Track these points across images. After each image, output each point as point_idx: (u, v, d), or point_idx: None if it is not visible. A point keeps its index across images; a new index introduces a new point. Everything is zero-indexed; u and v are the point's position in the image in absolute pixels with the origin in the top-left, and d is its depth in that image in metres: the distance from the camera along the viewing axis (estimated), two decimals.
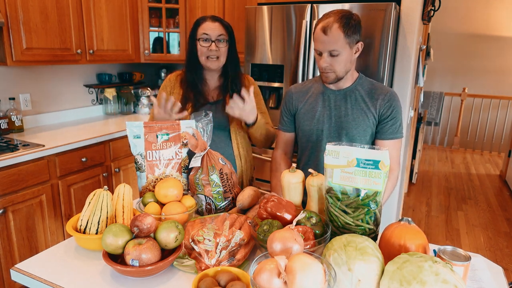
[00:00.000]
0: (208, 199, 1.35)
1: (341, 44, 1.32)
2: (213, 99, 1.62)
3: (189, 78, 1.60)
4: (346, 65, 1.38)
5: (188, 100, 1.59)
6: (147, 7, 3.11)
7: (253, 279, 0.80)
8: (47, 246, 2.27)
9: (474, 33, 6.38)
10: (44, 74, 2.79)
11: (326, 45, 1.33)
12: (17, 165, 2.05)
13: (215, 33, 1.51)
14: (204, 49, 1.52)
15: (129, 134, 1.35)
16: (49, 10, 2.40)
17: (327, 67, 1.37)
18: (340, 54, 1.34)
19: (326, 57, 1.35)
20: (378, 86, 1.47)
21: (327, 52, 1.34)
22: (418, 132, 4.38)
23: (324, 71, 1.39)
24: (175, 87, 1.64)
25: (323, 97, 1.50)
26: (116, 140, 2.65)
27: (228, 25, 1.56)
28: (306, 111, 1.52)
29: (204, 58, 1.53)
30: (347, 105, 1.46)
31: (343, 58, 1.35)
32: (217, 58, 1.53)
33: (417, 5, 2.37)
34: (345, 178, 1.06)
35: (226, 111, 1.45)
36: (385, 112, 1.43)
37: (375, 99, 1.43)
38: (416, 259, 0.82)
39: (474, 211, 3.98)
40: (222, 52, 1.54)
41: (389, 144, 1.44)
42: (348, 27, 1.31)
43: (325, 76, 1.41)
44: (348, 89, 1.47)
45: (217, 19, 1.55)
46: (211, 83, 1.63)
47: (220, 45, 1.53)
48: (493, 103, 6.38)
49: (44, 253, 1.11)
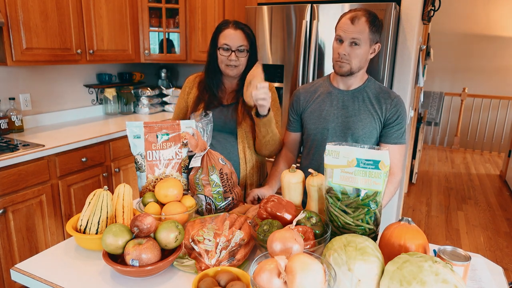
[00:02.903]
0: (208, 199, 1.35)
1: (365, 36, 1.35)
2: (227, 102, 1.63)
3: (208, 81, 1.62)
4: (361, 61, 1.39)
5: (202, 100, 1.61)
6: (147, 7, 3.11)
7: (253, 279, 0.80)
8: (47, 246, 2.27)
9: (474, 33, 6.38)
10: (44, 74, 2.79)
11: (350, 33, 1.35)
12: (17, 165, 2.05)
13: (236, 43, 1.51)
14: (223, 58, 1.53)
15: (129, 134, 1.35)
16: (49, 10, 2.40)
17: (344, 56, 1.38)
18: (361, 46, 1.36)
19: (346, 45, 1.37)
20: (386, 90, 1.48)
21: (349, 40, 1.36)
22: (418, 132, 4.38)
23: (340, 60, 1.40)
24: (193, 88, 1.67)
25: (331, 96, 1.50)
26: (116, 140, 2.65)
27: (250, 33, 1.56)
28: (313, 110, 1.53)
29: (224, 65, 1.55)
30: (354, 106, 1.46)
31: (361, 52, 1.37)
32: (236, 66, 1.54)
33: (417, 5, 2.37)
34: (345, 178, 1.06)
35: (245, 99, 1.42)
36: (391, 117, 1.44)
37: (382, 102, 1.45)
38: (416, 259, 0.82)
39: (474, 211, 3.98)
40: (241, 61, 1.55)
41: (393, 148, 1.45)
42: (373, 24, 1.35)
43: (339, 66, 1.41)
44: (357, 90, 1.47)
45: (239, 26, 1.54)
46: (228, 87, 1.65)
47: (240, 55, 1.53)
48: (493, 103, 6.38)
49: (44, 253, 1.11)
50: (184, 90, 1.70)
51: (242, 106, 1.58)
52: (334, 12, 2.34)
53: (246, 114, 1.58)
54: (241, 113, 1.58)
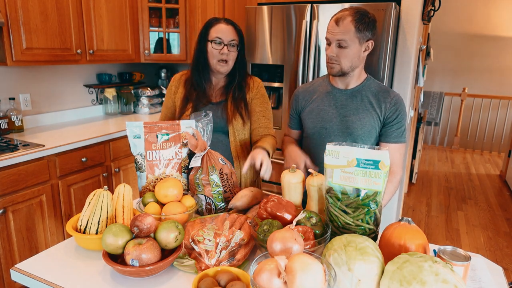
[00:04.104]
0: (208, 199, 1.35)
1: (350, 37, 1.34)
2: (216, 100, 1.62)
3: (195, 78, 1.60)
4: (352, 60, 1.39)
5: (190, 100, 1.59)
6: (147, 7, 3.11)
7: (253, 279, 0.80)
8: (47, 246, 2.27)
9: (474, 33, 6.38)
10: (44, 74, 2.79)
11: (335, 35, 1.35)
12: (17, 165, 2.05)
13: (228, 37, 1.51)
14: (215, 52, 1.52)
15: (129, 134, 1.35)
16: (49, 10, 2.40)
17: (333, 57, 1.39)
18: (349, 47, 1.36)
19: (334, 47, 1.37)
20: (386, 89, 1.48)
21: (335, 42, 1.36)
22: (418, 132, 4.38)
23: (329, 61, 1.41)
24: (179, 87, 1.65)
25: (330, 95, 1.50)
26: (116, 140, 2.65)
27: (240, 30, 1.57)
28: (312, 109, 1.53)
29: (215, 61, 1.53)
30: (353, 105, 1.46)
31: (350, 52, 1.37)
32: (226, 62, 1.54)
33: (417, 5, 2.37)
34: (345, 178, 1.06)
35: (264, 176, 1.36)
36: (391, 116, 1.44)
37: (382, 101, 1.44)
38: (416, 259, 0.82)
39: (474, 211, 3.98)
40: (231, 56, 1.54)
41: (393, 147, 1.45)
42: (360, 22, 1.34)
43: (330, 67, 1.42)
44: (355, 89, 1.47)
45: (230, 22, 1.54)
46: (216, 84, 1.63)
47: (231, 49, 1.53)
48: (493, 103, 6.38)
49: (44, 253, 1.11)
50: (170, 89, 1.68)
51: (231, 103, 1.58)
52: (334, 12, 2.32)
53: (236, 111, 1.58)
54: (231, 110, 1.57)
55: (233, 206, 1.30)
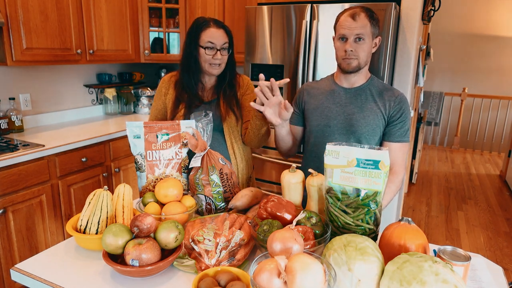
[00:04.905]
0: (208, 199, 1.35)
1: (368, 31, 1.37)
2: (208, 99, 1.63)
3: (186, 80, 1.59)
4: (367, 55, 1.41)
5: (181, 101, 1.59)
6: (147, 7, 3.11)
7: (253, 279, 0.80)
8: (47, 246, 2.27)
9: (474, 33, 6.38)
10: (44, 74, 2.79)
11: (354, 30, 1.36)
12: (17, 165, 2.05)
13: (220, 41, 1.51)
14: (208, 57, 1.52)
15: (129, 134, 1.35)
16: (49, 10, 2.40)
17: (352, 52, 1.38)
18: (365, 40, 1.38)
19: (352, 42, 1.38)
20: (390, 88, 1.49)
21: (353, 36, 1.37)
22: (418, 132, 4.38)
23: (348, 57, 1.40)
24: (169, 88, 1.64)
25: (334, 94, 1.50)
26: (116, 140, 2.65)
27: (229, 31, 1.57)
28: (315, 107, 1.53)
29: (208, 64, 1.53)
30: (357, 103, 1.46)
31: (367, 46, 1.39)
32: (219, 65, 1.54)
33: (417, 5, 2.37)
34: (345, 178, 1.06)
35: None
36: (395, 115, 1.44)
37: (386, 99, 1.44)
38: (416, 259, 0.82)
39: (474, 211, 3.98)
40: (224, 59, 1.55)
41: (396, 146, 1.45)
42: (373, 18, 1.38)
43: (347, 63, 1.41)
44: (360, 88, 1.48)
45: (220, 25, 1.53)
46: (207, 84, 1.64)
47: (223, 53, 1.53)
48: (493, 103, 6.38)
49: (44, 253, 1.11)
50: (160, 91, 1.66)
51: (224, 102, 1.58)
52: (334, 12, 2.34)
53: (229, 108, 1.58)
54: (224, 108, 1.57)
55: (233, 206, 1.30)
